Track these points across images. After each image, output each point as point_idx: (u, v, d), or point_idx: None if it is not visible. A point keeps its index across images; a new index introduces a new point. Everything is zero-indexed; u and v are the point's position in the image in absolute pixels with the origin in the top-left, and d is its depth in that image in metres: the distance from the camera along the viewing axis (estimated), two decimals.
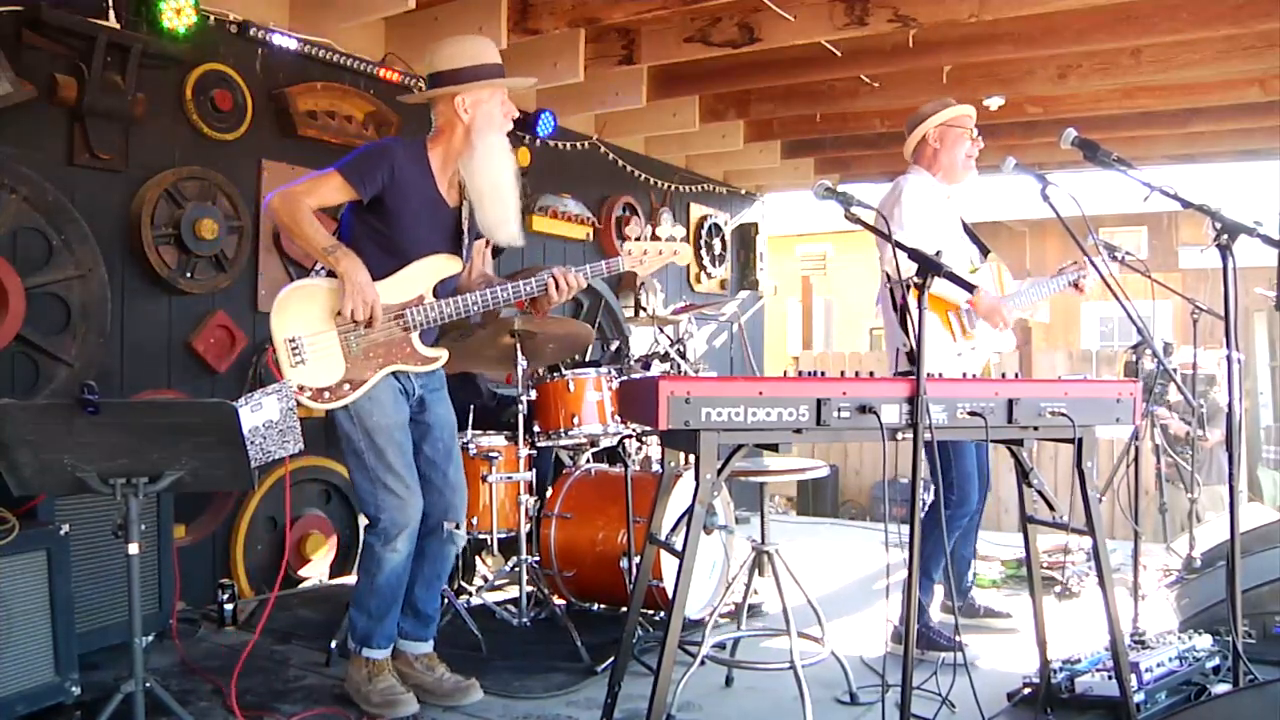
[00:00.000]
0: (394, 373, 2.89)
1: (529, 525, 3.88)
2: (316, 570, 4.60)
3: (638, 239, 3.03)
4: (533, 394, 3.84)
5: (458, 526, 3.07)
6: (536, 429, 3.88)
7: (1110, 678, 2.72)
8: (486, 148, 2.86)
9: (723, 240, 7.85)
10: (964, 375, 2.63)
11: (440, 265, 2.92)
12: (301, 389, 2.76)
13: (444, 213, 2.94)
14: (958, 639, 3.13)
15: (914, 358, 3.34)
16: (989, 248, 3.79)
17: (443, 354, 2.95)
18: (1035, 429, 2.50)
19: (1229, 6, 4.47)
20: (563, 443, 3.97)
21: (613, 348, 5.56)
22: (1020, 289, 3.76)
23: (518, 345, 3.75)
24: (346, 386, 2.81)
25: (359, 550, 4.66)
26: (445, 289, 2.94)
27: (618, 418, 3.84)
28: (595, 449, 4.16)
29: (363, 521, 4.72)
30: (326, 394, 2.80)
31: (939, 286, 3.32)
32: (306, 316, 2.80)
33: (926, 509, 3.68)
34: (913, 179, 3.61)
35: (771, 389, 2.21)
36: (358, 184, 2.79)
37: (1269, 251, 2.50)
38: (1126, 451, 4.52)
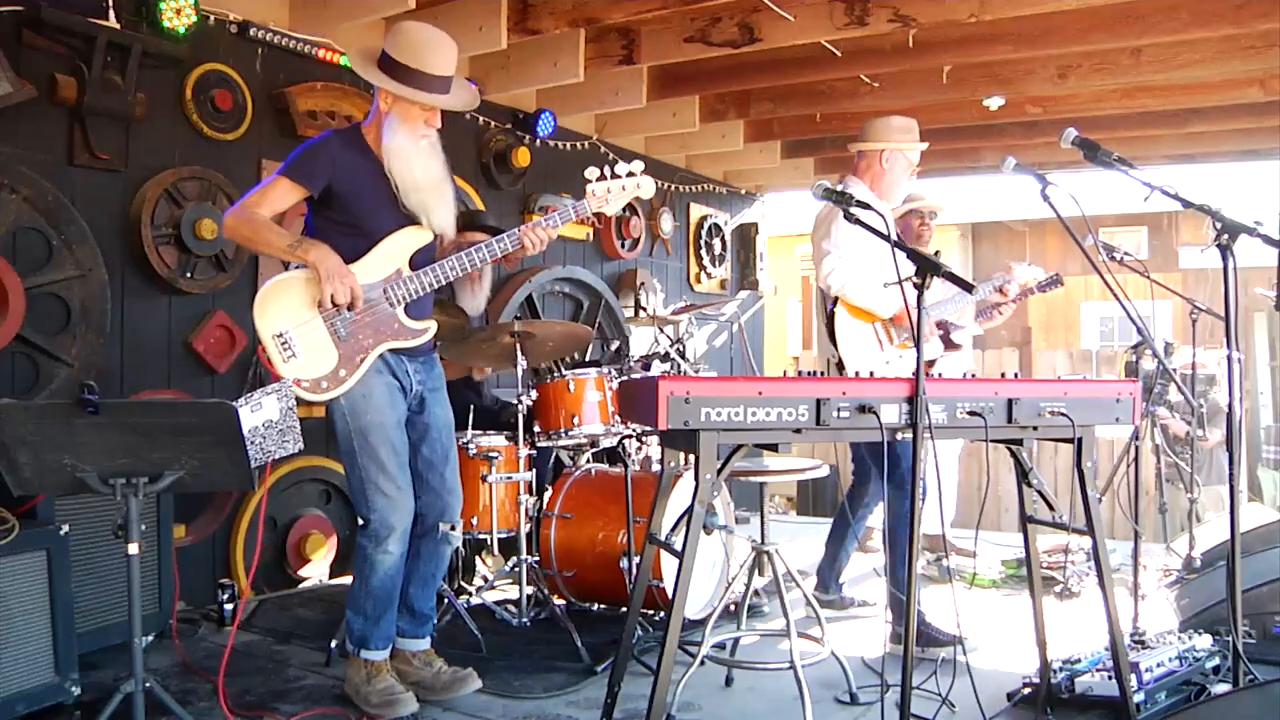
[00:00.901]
0: (389, 356, 2.88)
1: (529, 525, 3.88)
2: (316, 570, 4.60)
3: (600, 179, 3.01)
4: (533, 394, 3.84)
5: (453, 528, 3.07)
6: (536, 429, 3.88)
7: (1110, 678, 2.72)
8: (395, 146, 2.86)
9: (723, 240, 7.85)
10: (964, 375, 2.63)
11: (411, 238, 2.92)
12: (298, 382, 2.76)
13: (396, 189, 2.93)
14: (957, 634, 3.14)
15: (844, 368, 3.45)
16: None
17: (431, 325, 2.94)
18: (1035, 429, 2.50)
19: (1229, 6, 4.47)
20: (563, 443, 3.97)
21: (613, 348, 5.57)
22: (946, 298, 3.89)
23: (518, 345, 3.75)
24: (343, 372, 2.81)
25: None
26: (422, 261, 2.93)
27: (618, 418, 3.84)
28: (595, 449, 4.16)
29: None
30: (325, 383, 2.79)
31: (865, 300, 3.46)
32: (289, 310, 2.79)
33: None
34: (854, 192, 3.64)
35: (771, 389, 2.21)
36: (304, 180, 2.81)
37: (1269, 251, 2.50)
38: (1126, 451, 4.52)
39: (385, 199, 2.88)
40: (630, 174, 3.00)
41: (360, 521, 2.93)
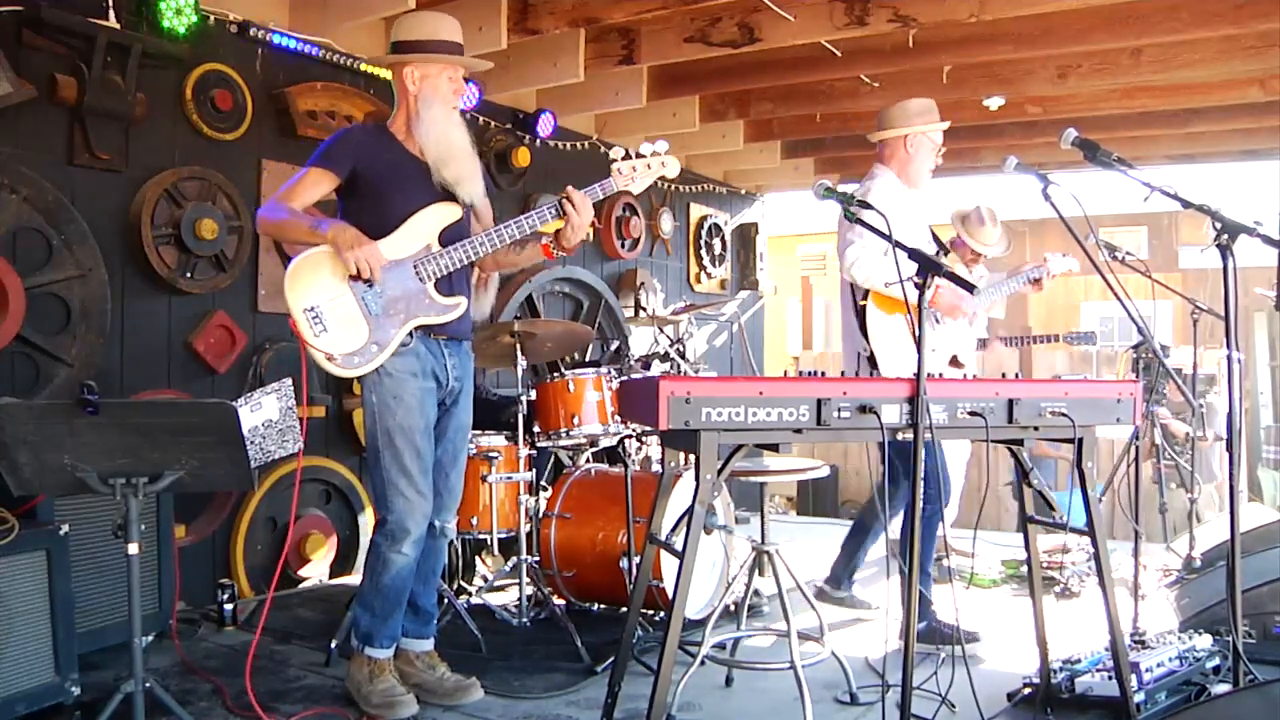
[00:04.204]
0: (431, 345, 2.90)
1: (529, 525, 3.88)
2: (316, 570, 4.59)
3: (625, 158, 3.04)
4: (533, 394, 3.83)
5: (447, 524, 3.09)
6: (536, 429, 3.88)
7: (1110, 678, 2.72)
8: (431, 117, 2.90)
9: (723, 240, 7.84)
10: (965, 376, 2.63)
11: (441, 213, 2.92)
12: (330, 357, 2.75)
13: (425, 170, 2.94)
14: (958, 625, 3.14)
15: (875, 362, 3.41)
16: (948, 249, 3.84)
17: (461, 301, 2.94)
18: (1035, 429, 2.50)
19: (1229, 6, 4.47)
20: (563, 443, 3.97)
21: (613, 348, 5.57)
22: (983, 287, 3.86)
23: (518, 345, 3.75)
24: (374, 348, 2.80)
25: (360, 550, 4.68)
26: (452, 239, 2.92)
27: (618, 418, 3.84)
28: (595, 449, 4.16)
29: (365, 520, 4.73)
30: (356, 359, 2.79)
31: (899, 290, 3.39)
32: (319, 284, 2.79)
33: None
34: (880, 182, 3.68)
35: (772, 389, 2.21)
36: (332, 166, 2.85)
37: (1269, 251, 2.50)
38: (1126, 451, 4.52)
39: (413, 180, 2.90)
40: (655, 153, 3.05)
41: (377, 519, 2.94)
